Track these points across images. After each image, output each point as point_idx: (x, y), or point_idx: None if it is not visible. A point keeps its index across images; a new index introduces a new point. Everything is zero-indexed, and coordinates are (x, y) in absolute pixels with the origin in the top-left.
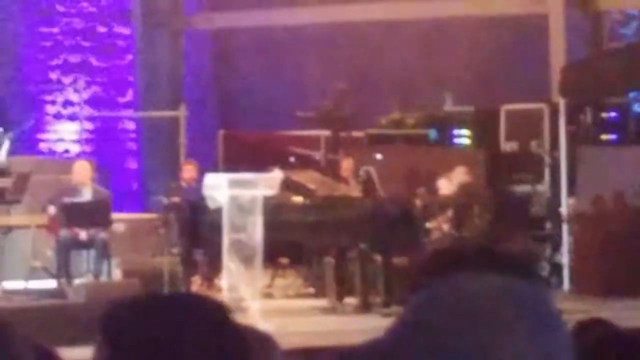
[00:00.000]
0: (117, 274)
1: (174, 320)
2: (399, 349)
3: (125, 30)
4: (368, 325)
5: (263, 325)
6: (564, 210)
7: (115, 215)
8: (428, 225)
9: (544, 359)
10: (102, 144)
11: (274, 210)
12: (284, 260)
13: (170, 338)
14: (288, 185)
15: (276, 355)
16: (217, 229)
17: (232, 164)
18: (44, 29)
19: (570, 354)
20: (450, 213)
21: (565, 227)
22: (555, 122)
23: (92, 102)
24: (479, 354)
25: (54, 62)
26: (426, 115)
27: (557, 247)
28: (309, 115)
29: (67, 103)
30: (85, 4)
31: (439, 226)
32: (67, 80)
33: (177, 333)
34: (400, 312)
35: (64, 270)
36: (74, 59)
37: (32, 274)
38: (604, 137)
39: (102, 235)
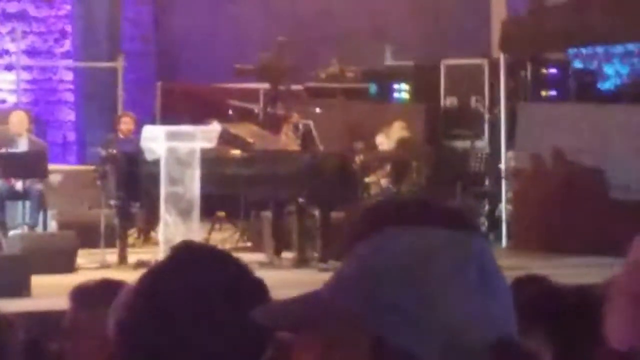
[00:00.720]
0: (52, 226)
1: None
2: (341, 299)
3: None
4: (305, 280)
5: None
6: (502, 166)
7: (51, 167)
8: (366, 180)
9: (489, 309)
10: (39, 95)
11: (211, 163)
12: (221, 214)
13: (203, 289)
14: (226, 138)
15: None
16: (154, 181)
17: (170, 117)
18: None
19: (511, 306)
20: (388, 168)
21: (504, 183)
22: (496, 78)
23: (29, 52)
24: (425, 304)
25: None
26: (366, 69)
27: (495, 203)
28: (248, 68)
29: (4, 52)
30: None
31: (377, 181)
32: (4, 29)
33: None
34: (338, 266)
35: None
36: (11, 8)
37: None
38: (543, 93)
39: (38, 186)
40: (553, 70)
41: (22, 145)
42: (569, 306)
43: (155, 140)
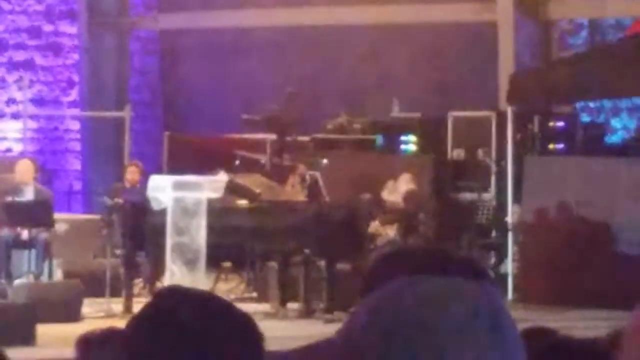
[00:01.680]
0: (58, 275)
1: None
2: (350, 351)
3: (71, 30)
4: (311, 331)
5: None
6: (509, 219)
7: (57, 216)
8: (372, 230)
9: (501, 356)
10: (46, 143)
11: (218, 214)
12: (227, 264)
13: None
14: (233, 189)
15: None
16: (160, 231)
17: (177, 167)
18: None
19: (524, 354)
20: (395, 223)
21: (510, 236)
22: (503, 130)
23: (36, 100)
24: (434, 357)
25: None
26: (373, 121)
27: (502, 256)
28: (255, 118)
29: (11, 101)
30: (31, 2)
31: (384, 233)
32: (11, 78)
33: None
34: (345, 317)
35: (4, 270)
36: (19, 57)
37: None
38: (551, 146)
39: (44, 235)
40: (560, 124)
41: (28, 194)
42: (577, 358)
43: (162, 190)
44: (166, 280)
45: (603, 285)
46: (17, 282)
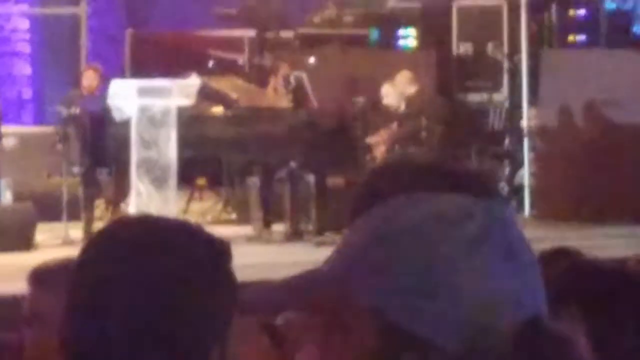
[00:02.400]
0: (7, 197)
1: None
2: (345, 278)
3: None
4: (299, 256)
5: None
6: (524, 123)
7: (4, 128)
8: (368, 140)
9: (515, 287)
10: None
11: (189, 123)
12: (202, 181)
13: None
14: (206, 94)
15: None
16: (124, 144)
17: (142, 70)
18: None
19: (540, 282)
20: (394, 126)
21: (526, 143)
22: (516, 20)
23: None
24: (443, 285)
25: None
26: (366, 13)
27: (517, 165)
28: (230, 12)
29: None
30: None
31: (382, 142)
32: None
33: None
34: (338, 240)
35: None
36: None
37: None
38: (571, 38)
39: None
40: (582, 12)
41: None
42: (606, 282)
43: (125, 97)
44: (132, 201)
45: (634, 197)
46: None
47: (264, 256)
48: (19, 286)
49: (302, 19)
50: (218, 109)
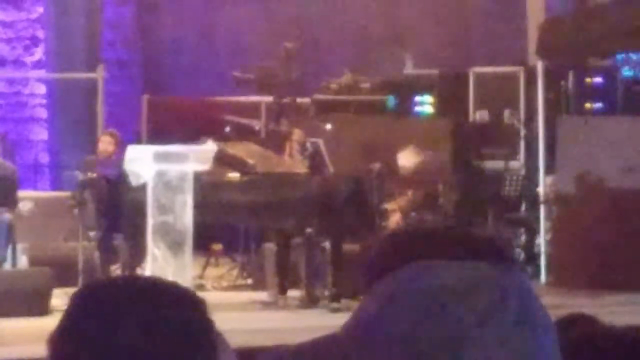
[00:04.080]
0: (23, 262)
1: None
2: (357, 349)
3: None
4: (314, 322)
5: None
6: (541, 190)
7: (21, 193)
8: (384, 206)
9: (531, 349)
10: (7, 110)
11: (206, 189)
12: (218, 247)
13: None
14: (223, 160)
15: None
16: (140, 209)
17: (158, 135)
18: None
19: (558, 351)
20: (410, 193)
21: (542, 210)
22: (532, 88)
23: None
24: (459, 351)
25: None
26: (383, 79)
27: (533, 232)
28: (248, 78)
29: None
30: None
31: (398, 209)
32: None
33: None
34: (354, 306)
35: None
36: None
37: None
38: (588, 105)
39: (6, 216)
40: (598, 79)
41: None
42: (622, 349)
43: (141, 162)
44: (147, 266)
45: None
46: None
47: (279, 322)
48: (34, 351)
49: (320, 86)
50: (234, 175)
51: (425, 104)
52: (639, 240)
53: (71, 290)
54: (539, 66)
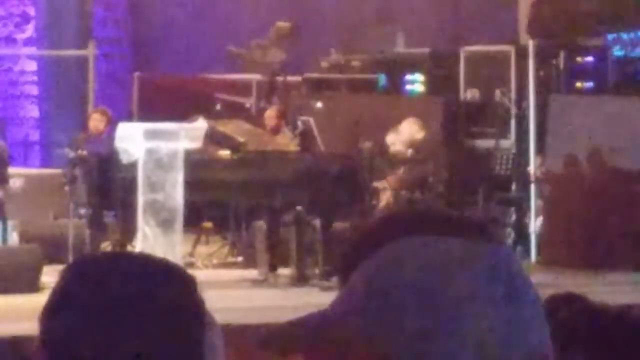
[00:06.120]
0: (14, 239)
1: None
2: (351, 321)
3: None
4: (305, 300)
5: None
6: (531, 169)
7: (11, 170)
8: (375, 185)
9: (519, 332)
10: None
11: (196, 166)
12: (208, 225)
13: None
14: (213, 137)
15: (219, 332)
16: (130, 187)
17: (149, 112)
18: None
19: (546, 328)
20: (401, 171)
21: (533, 189)
22: (524, 67)
23: None
24: (446, 327)
25: None
26: (374, 58)
27: (523, 212)
28: (242, 53)
29: None
30: None
31: (388, 187)
32: None
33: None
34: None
35: None
36: None
37: None
38: (578, 85)
39: None
40: (589, 59)
41: None
42: (610, 328)
43: (132, 139)
44: (138, 243)
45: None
46: None
47: (269, 300)
48: (25, 327)
49: (311, 64)
50: (225, 153)
51: (416, 82)
52: (629, 219)
53: (61, 267)
54: (530, 45)
